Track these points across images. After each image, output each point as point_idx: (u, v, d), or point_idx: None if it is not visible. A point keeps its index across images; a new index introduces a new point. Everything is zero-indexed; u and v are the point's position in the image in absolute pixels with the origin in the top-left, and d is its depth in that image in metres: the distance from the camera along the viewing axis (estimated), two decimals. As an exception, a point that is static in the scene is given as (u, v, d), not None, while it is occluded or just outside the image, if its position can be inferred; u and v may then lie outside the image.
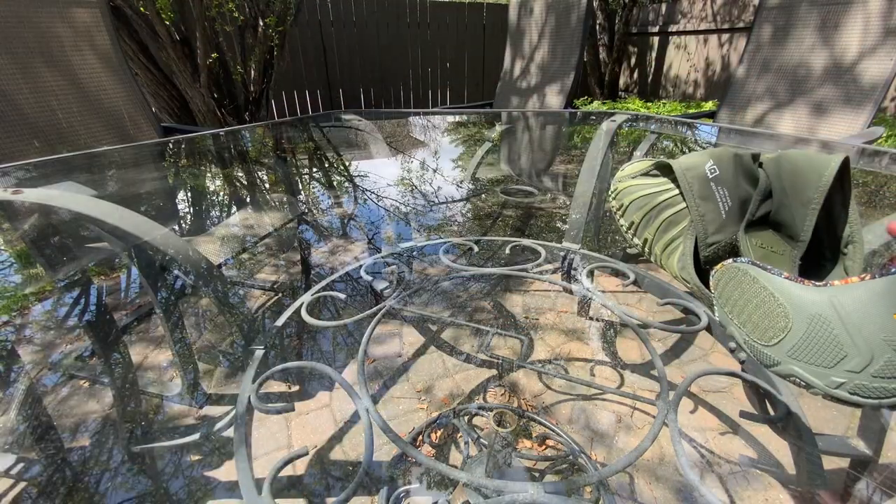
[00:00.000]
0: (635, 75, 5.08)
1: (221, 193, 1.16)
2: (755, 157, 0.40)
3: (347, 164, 1.29)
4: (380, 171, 1.19)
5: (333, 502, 0.29)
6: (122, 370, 0.68)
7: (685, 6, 4.32)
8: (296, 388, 0.82)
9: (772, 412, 0.42)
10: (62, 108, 1.41)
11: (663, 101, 4.35)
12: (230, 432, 0.36)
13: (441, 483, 0.55)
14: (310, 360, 0.41)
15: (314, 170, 1.27)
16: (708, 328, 0.44)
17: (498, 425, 0.45)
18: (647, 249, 0.47)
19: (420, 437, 0.81)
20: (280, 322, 0.49)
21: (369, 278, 0.57)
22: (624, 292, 1.13)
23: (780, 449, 0.74)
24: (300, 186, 1.17)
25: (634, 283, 0.55)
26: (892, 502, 0.37)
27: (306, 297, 0.52)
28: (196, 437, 0.58)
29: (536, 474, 0.64)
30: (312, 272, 0.80)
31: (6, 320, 0.71)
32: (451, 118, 1.93)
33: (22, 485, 0.49)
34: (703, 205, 0.38)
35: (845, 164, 0.34)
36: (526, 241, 0.62)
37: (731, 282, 0.31)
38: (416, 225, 0.83)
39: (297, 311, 0.49)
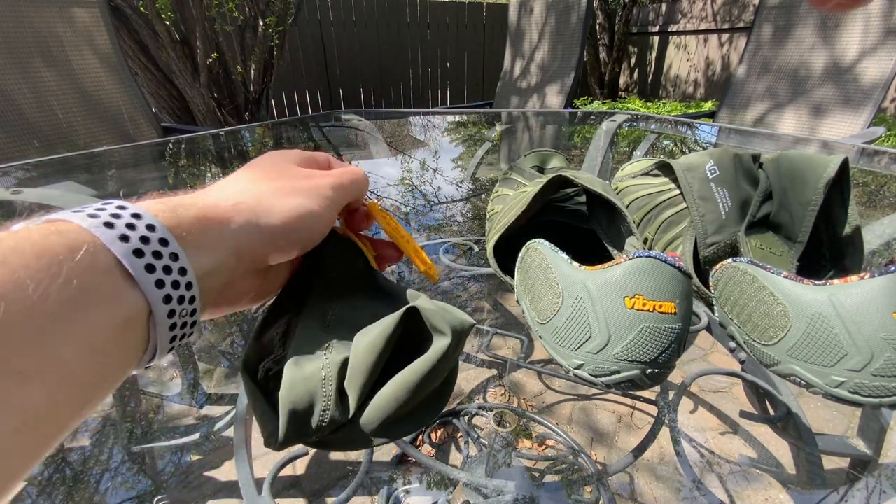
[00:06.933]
0: (635, 75, 5.08)
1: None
2: (755, 157, 0.40)
3: (347, 164, 1.29)
4: (380, 171, 1.19)
5: (333, 502, 0.29)
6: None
7: (685, 6, 4.32)
8: (296, 388, 0.82)
9: (772, 412, 0.42)
10: (62, 108, 1.41)
11: (663, 101, 4.35)
12: (230, 432, 0.36)
13: (441, 483, 0.55)
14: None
15: (314, 170, 1.27)
16: (708, 328, 0.44)
17: (498, 425, 0.45)
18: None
19: (420, 437, 0.81)
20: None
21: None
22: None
23: (780, 449, 0.74)
24: (300, 186, 1.17)
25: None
26: (893, 503, 0.37)
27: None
28: (196, 437, 0.58)
29: (536, 474, 0.64)
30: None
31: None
32: (451, 118, 1.93)
33: (22, 485, 0.49)
34: (702, 205, 0.38)
35: (844, 165, 0.34)
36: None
37: (731, 281, 0.31)
38: (415, 225, 0.83)
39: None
